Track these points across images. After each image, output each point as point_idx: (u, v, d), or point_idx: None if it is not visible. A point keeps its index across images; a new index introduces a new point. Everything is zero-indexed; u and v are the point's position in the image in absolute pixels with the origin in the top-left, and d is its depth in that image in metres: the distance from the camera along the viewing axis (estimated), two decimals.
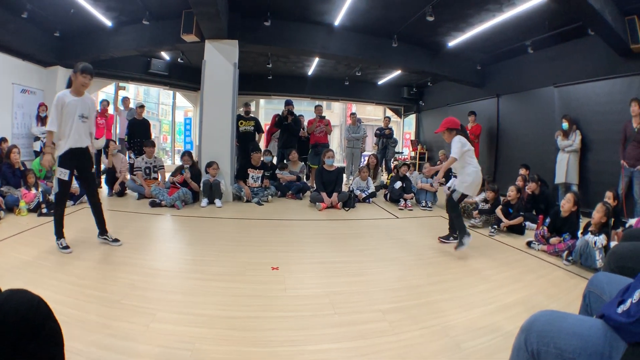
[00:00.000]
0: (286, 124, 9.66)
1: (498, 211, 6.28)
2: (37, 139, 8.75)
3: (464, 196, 5.06)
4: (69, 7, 7.70)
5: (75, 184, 6.30)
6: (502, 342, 2.62)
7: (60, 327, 1.48)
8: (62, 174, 4.28)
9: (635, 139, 6.49)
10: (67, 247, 4.23)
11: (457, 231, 4.99)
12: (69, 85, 4.39)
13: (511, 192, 6.30)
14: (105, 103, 9.82)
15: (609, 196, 5.74)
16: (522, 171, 8.19)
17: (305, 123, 10.77)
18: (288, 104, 9.89)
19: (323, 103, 15.24)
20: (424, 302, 3.32)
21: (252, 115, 9.97)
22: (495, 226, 6.13)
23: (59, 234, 4.31)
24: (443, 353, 2.51)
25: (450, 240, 5.34)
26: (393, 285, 3.77)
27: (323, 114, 10.44)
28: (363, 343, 2.59)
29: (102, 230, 4.65)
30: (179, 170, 7.67)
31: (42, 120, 8.75)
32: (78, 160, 4.42)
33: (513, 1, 6.91)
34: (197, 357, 2.33)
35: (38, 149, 8.65)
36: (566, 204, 5.11)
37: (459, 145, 4.80)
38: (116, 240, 4.64)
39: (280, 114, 9.84)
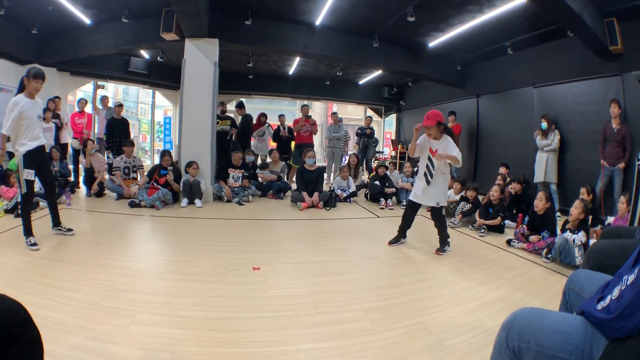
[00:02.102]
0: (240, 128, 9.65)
1: (477, 215, 6.34)
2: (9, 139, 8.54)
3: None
4: (47, 4, 7.58)
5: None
6: (484, 339, 2.65)
7: (40, 332, 1.45)
8: (28, 174, 4.44)
9: (615, 139, 6.61)
10: (35, 244, 4.29)
11: (444, 239, 5.00)
12: (21, 89, 4.46)
13: (494, 192, 6.35)
14: (83, 102, 9.67)
15: (583, 192, 5.83)
16: (502, 170, 8.28)
17: (289, 123, 10.77)
18: (238, 107, 9.91)
19: (303, 102, 15.23)
20: (405, 301, 3.33)
21: (228, 114, 9.92)
22: (484, 227, 6.17)
23: (28, 232, 4.38)
24: (425, 351, 2.52)
25: (400, 242, 5.33)
26: (375, 284, 3.78)
27: (309, 114, 10.42)
28: (345, 342, 2.59)
29: (57, 222, 4.91)
30: (155, 171, 7.58)
31: None
32: (39, 159, 4.60)
33: (493, 2, 6.97)
34: (178, 358, 2.30)
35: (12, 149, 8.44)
36: (539, 203, 5.20)
37: (454, 145, 4.75)
38: (69, 229, 4.94)
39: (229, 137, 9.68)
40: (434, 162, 4.87)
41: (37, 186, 6.49)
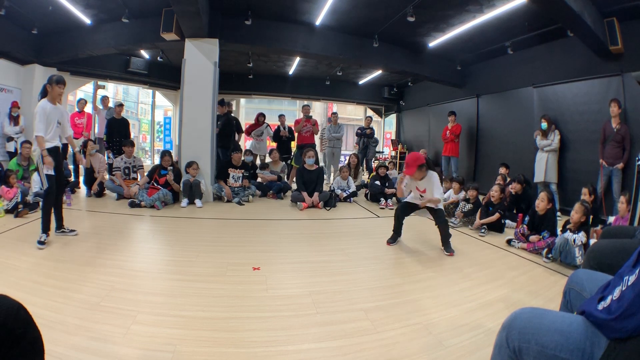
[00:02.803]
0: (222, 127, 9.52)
1: (477, 215, 6.34)
2: (10, 139, 8.56)
3: None
4: (47, 4, 7.57)
5: None
6: (484, 339, 2.65)
7: (41, 333, 1.44)
8: (48, 169, 4.51)
9: (614, 139, 6.60)
10: (43, 244, 4.36)
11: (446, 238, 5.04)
12: (44, 94, 4.63)
13: (495, 192, 6.34)
14: (82, 102, 9.68)
15: (584, 192, 5.83)
16: (502, 170, 8.28)
17: (290, 123, 10.78)
18: (220, 104, 9.68)
19: (303, 102, 15.22)
20: (405, 301, 3.33)
21: (232, 114, 9.90)
22: (485, 227, 6.17)
23: (46, 228, 4.49)
24: (426, 351, 2.52)
25: (397, 241, 5.39)
26: (375, 284, 3.77)
27: (310, 114, 10.42)
28: (345, 342, 2.59)
29: (60, 225, 4.93)
30: (155, 171, 7.59)
31: (14, 119, 8.56)
32: (56, 158, 4.63)
33: (493, 2, 6.97)
34: (178, 359, 2.30)
35: (12, 150, 8.46)
36: (540, 203, 5.19)
37: (439, 184, 4.98)
38: (72, 230, 4.99)
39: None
40: (424, 197, 5.05)
41: (37, 186, 6.56)
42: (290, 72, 14.20)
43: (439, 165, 9.98)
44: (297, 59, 12.10)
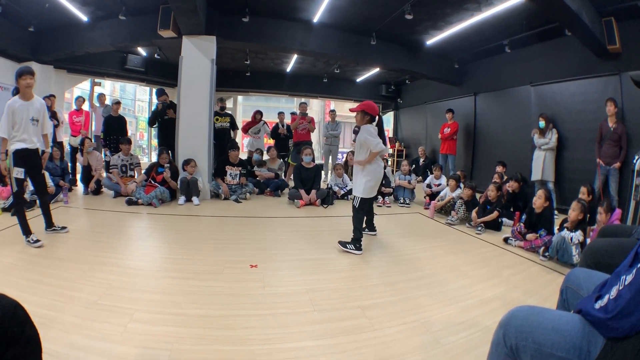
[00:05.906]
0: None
1: (474, 213, 6.33)
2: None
3: (365, 200, 4.90)
4: (44, 2, 7.52)
5: (50, 184, 6.60)
6: (481, 336, 2.65)
7: (38, 332, 1.44)
8: (18, 172, 4.43)
9: (611, 138, 6.62)
10: (38, 241, 4.31)
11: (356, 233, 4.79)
12: (16, 92, 4.54)
13: (491, 191, 6.35)
14: (80, 100, 9.64)
15: (583, 191, 5.82)
16: (499, 168, 8.29)
17: (287, 121, 10.79)
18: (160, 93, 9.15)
19: (301, 100, 15.18)
20: (403, 298, 3.34)
21: (227, 111, 9.87)
22: (481, 225, 6.17)
23: (26, 231, 4.37)
24: (423, 348, 2.52)
25: (370, 232, 5.55)
26: (372, 282, 3.78)
27: (306, 112, 10.42)
28: (343, 340, 2.59)
29: (50, 224, 4.88)
30: (153, 168, 7.57)
31: None
32: (30, 160, 4.55)
33: (491, 1, 6.97)
34: (175, 357, 2.30)
35: None
36: (537, 200, 5.21)
37: (370, 139, 4.63)
38: (64, 227, 4.97)
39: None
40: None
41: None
42: (288, 70, 14.16)
43: (437, 163, 9.99)
44: (295, 57, 12.05)
